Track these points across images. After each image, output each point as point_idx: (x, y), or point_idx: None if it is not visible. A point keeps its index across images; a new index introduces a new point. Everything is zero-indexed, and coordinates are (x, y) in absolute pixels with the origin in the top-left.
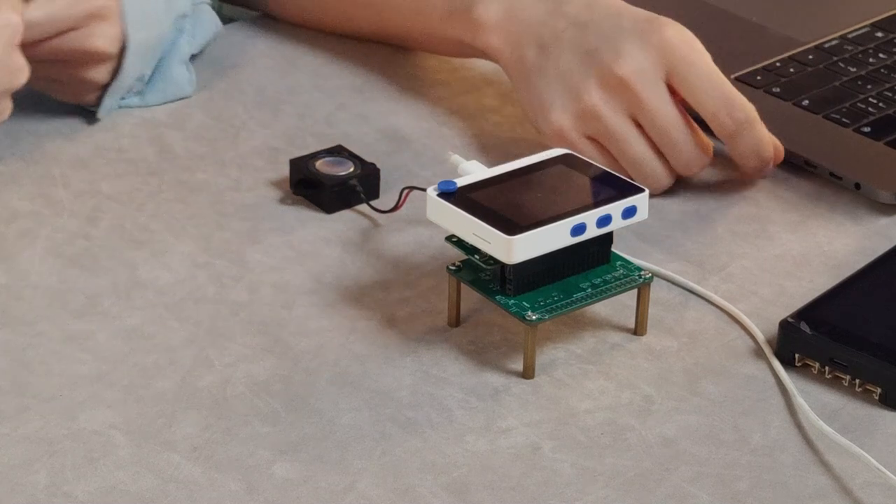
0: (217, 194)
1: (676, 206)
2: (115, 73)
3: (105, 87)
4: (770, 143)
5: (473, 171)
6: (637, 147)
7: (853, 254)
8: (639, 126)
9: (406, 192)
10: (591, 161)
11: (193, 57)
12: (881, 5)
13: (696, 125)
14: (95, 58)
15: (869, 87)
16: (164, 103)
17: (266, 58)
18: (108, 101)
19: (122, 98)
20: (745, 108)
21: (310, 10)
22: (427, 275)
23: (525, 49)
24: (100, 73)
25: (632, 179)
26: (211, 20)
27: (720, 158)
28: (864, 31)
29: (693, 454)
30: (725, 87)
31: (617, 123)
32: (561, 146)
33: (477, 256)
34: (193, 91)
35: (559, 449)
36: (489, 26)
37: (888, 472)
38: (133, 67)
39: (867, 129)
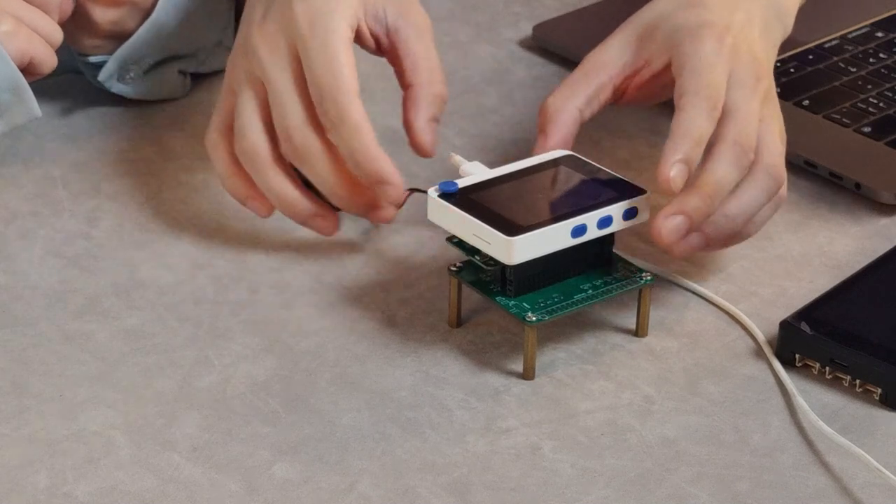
0: (217, 195)
1: None
2: (125, 38)
3: (104, 53)
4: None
5: (475, 172)
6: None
7: (853, 254)
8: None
9: (407, 193)
10: (592, 162)
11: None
12: (881, 5)
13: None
14: None
15: (869, 87)
16: (154, 101)
17: None
18: (111, 66)
19: (119, 72)
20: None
21: None
22: (427, 275)
23: None
24: (108, 14)
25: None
26: (226, 58)
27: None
28: (864, 31)
29: (693, 454)
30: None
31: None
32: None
33: (477, 257)
34: (185, 94)
35: (559, 449)
36: None
37: (888, 473)
38: (146, 39)
39: (867, 129)
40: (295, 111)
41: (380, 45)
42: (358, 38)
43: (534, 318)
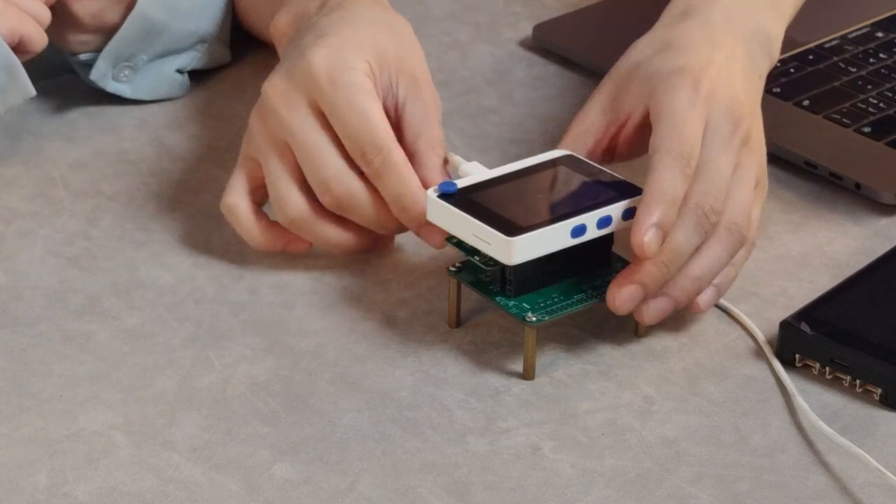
0: (217, 194)
1: None
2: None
3: (92, 49)
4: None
5: (474, 172)
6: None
7: (853, 254)
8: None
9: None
10: (591, 162)
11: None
12: (881, 5)
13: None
14: None
15: (869, 87)
16: (154, 101)
17: (266, 58)
18: (101, 65)
19: (114, 72)
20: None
21: (242, 17)
22: (427, 275)
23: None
24: (87, 7)
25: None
26: (223, 53)
27: None
28: (864, 31)
29: (693, 455)
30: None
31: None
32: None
33: (477, 258)
34: (184, 94)
35: (559, 449)
36: (280, 35)
37: (888, 473)
38: (132, 34)
39: (867, 129)
40: (329, 162)
41: (388, 118)
42: None
43: (534, 319)
